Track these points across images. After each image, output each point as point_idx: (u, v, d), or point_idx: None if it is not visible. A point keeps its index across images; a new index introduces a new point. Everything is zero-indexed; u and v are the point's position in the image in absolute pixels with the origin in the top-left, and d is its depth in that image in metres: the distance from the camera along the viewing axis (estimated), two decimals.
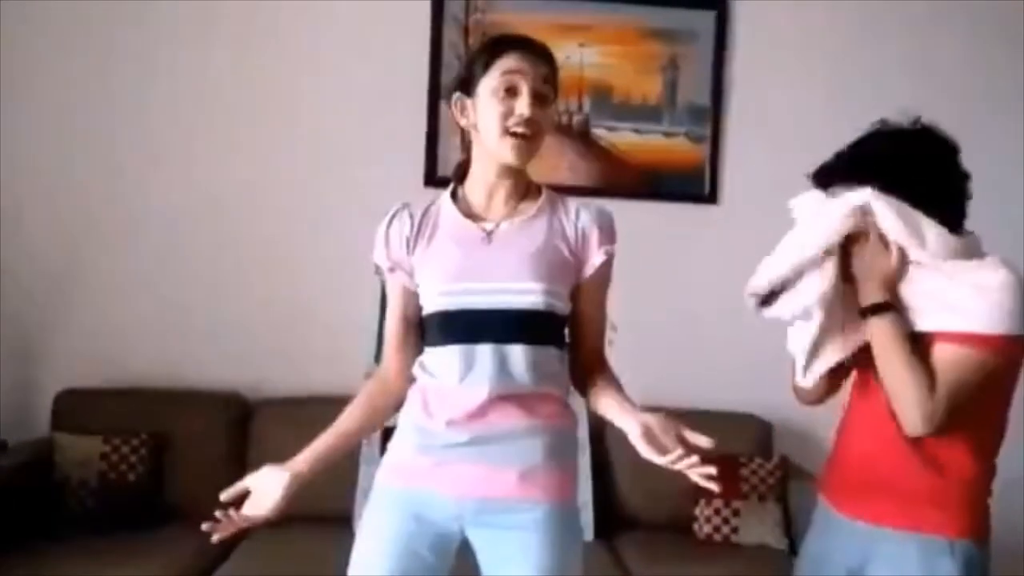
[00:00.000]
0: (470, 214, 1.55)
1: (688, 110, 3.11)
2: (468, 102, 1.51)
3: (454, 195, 1.58)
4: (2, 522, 2.46)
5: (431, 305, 1.53)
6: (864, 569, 1.59)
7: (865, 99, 3.19)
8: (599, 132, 3.10)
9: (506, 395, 1.47)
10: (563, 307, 1.53)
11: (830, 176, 1.62)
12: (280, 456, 1.60)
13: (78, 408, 2.80)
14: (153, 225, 3.00)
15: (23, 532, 2.50)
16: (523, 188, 1.57)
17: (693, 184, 3.11)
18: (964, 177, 1.61)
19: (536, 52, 1.49)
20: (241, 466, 2.80)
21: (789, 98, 3.10)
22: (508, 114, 1.46)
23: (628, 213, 3.04)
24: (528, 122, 1.46)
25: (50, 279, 2.97)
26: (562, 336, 1.57)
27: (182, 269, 3.00)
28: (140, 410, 2.82)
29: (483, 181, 1.55)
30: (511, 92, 1.46)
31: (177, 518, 2.70)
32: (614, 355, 3.40)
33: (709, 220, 3.13)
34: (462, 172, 1.60)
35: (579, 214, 1.55)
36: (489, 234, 1.52)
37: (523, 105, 1.45)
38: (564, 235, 1.54)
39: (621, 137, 3.10)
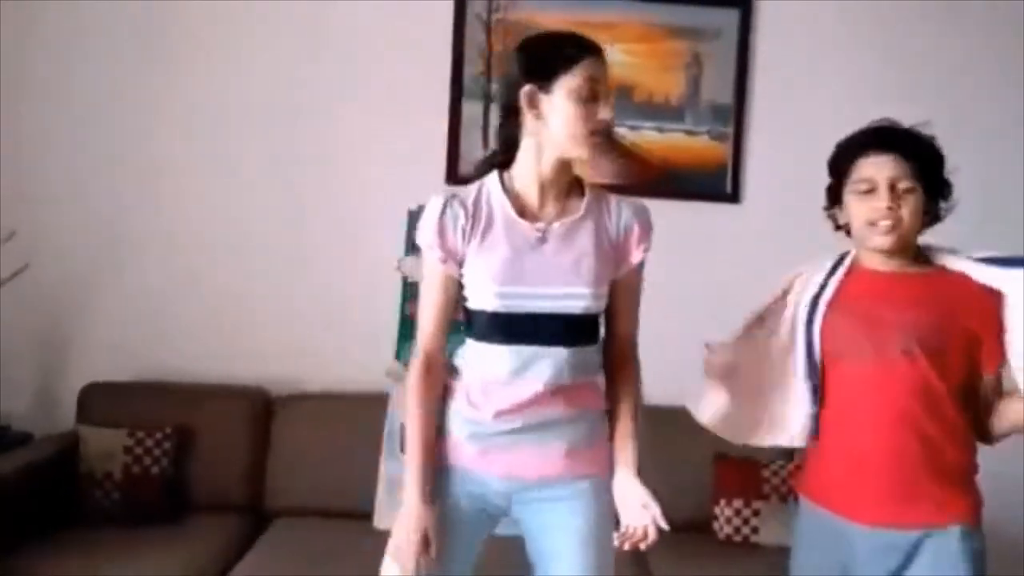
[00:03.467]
0: (522, 210, 1.57)
1: (711, 109, 3.09)
2: (541, 96, 1.52)
3: (503, 187, 1.59)
4: (27, 514, 2.50)
5: (483, 303, 1.56)
6: (905, 570, 1.63)
7: (890, 97, 3.16)
8: (621, 130, 3.08)
9: (554, 389, 1.55)
10: (604, 304, 1.61)
11: (889, 142, 1.66)
12: (302, 452, 1.63)
13: (103, 401, 2.83)
14: (181, 222, 3.03)
15: (47, 524, 2.53)
16: (571, 184, 1.61)
17: (715, 183, 3.10)
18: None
19: (605, 59, 1.57)
20: (263, 460, 2.84)
21: (812, 97, 3.08)
22: (591, 117, 1.52)
23: (649, 211, 3.11)
24: (605, 125, 1.56)
25: (77, 274, 3.01)
26: (599, 329, 1.65)
27: (208, 266, 3.03)
28: (164, 404, 2.85)
29: (536, 176, 1.57)
30: (592, 96, 1.52)
31: (200, 511, 2.73)
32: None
33: (731, 219, 3.11)
34: (505, 161, 1.61)
35: (621, 211, 1.62)
36: (543, 235, 1.56)
37: (606, 111, 1.54)
38: (608, 234, 1.60)
39: (643, 136, 3.09)
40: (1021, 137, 3.07)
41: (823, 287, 1.73)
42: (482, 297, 1.56)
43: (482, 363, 1.58)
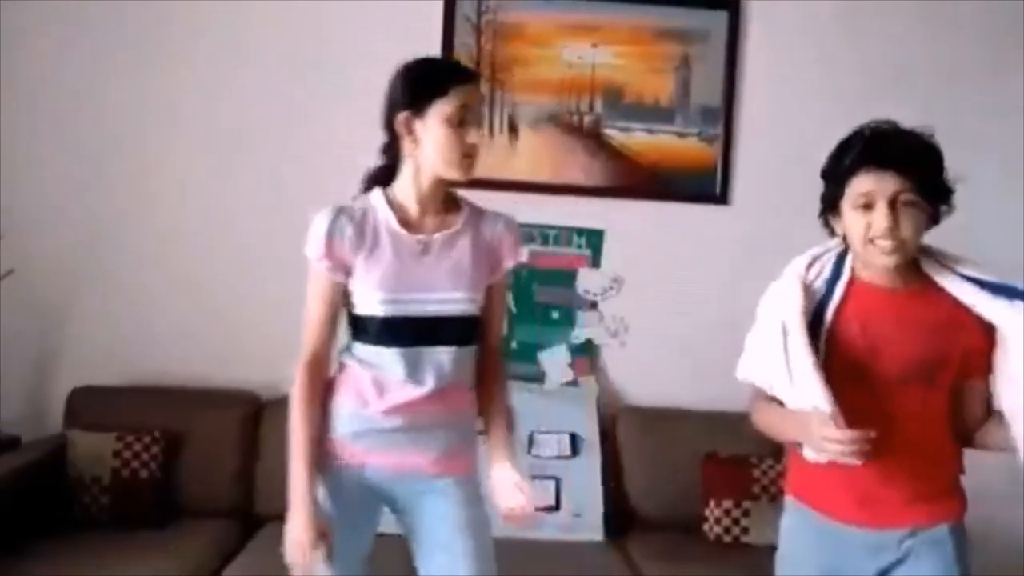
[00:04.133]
0: (405, 223, 1.70)
1: (700, 110, 3.10)
2: (416, 122, 1.64)
3: (387, 202, 1.71)
4: (15, 519, 2.48)
5: (371, 309, 1.68)
6: (895, 570, 1.64)
7: (880, 100, 3.18)
8: (611, 132, 3.09)
9: (439, 390, 1.68)
10: (480, 307, 1.75)
11: (885, 149, 1.59)
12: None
13: (92, 405, 2.82)
14: (170, 225, 3.02)
15: (36, 529, 2.51)
16: (448, 200, 1.75)
17: (705, 185, 3.11)
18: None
19: (478, 85, 1.71)
20: (252, 464, 2.83)
21: (801, 99, 3.09)
22: (462, 142, 1.64)
23: (639, 213, 3.14)
24: (476, 149, 1.67)
25: (66, 277, 2.99)
26: (477, 332, 1.77)
27: (197, 270, 3.02)
28: (154, 408, 2.83)
29: (416, 193, 1.70)
30: (463, 122, 1.64)
31: (189, 515, 2.72)
32: (625, 355, 3.42)
33: (720, 221, 3.12)
34: (387, 177, 1.73)
35: (496, 224, 1.77)
36: (425, 246, 1.69)
37: (476, 135, 1.66)
38: (484, 244, 1.74)
39: (633, 137, 3.10)
40: (1009, 138, 3.10)
41: (831, 288, 1.67)
42: (370, 304, 1.67)
43: (374, 364, 1.68)
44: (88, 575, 2.33)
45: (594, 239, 3.11)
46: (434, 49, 3.01)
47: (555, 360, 3.09)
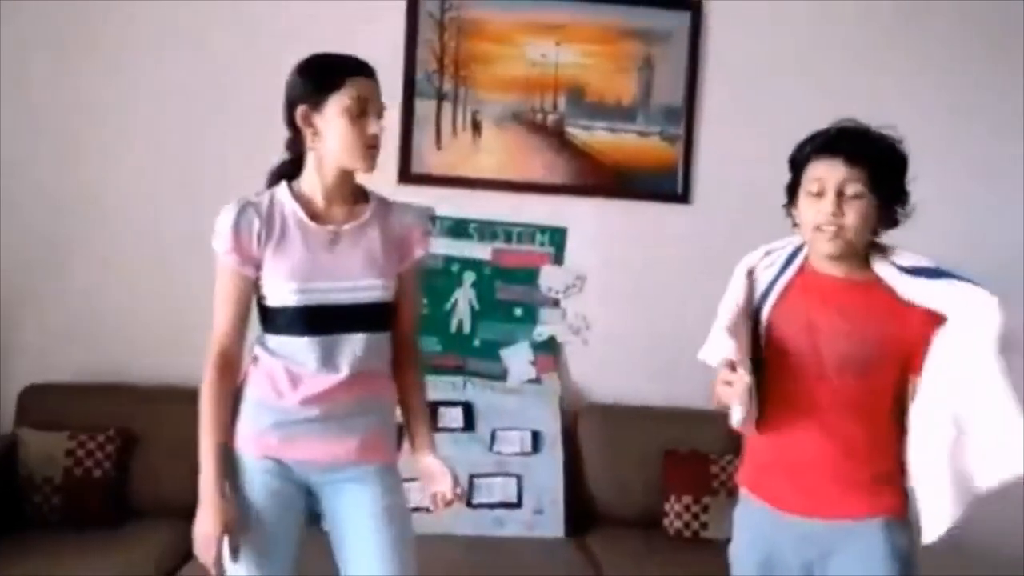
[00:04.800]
0: (313, 215, 1.72)
1: (662, 110, 3.13)
2: (315, 116, 1.68)
3: (292, 195, 1.73)
4: None
5: (282, 300, 1.69)
6: (826, 561, 1.68)
7: (842, 99, 3.22)
8: (573, 131, 3.11)
9: (354, 377, 1.70)
10: (393, 294, 1.77)
11: (834, 148, 1.65)
12: None
13: (44, 403, 2.76)
14: (123, 219, 2.96)
15: None
16: (356, 191, 1.79)
17: (666, 184, 3.13)
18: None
19: (375, 78, 1.72)
20: None
21: (763, 99, 3.13)
22: (363, 133, 1.67)
23: (601, 212, 3.15)
24: (377, 139, 1.70)
25: (14, 273, 2.92)
26: (390, 319, 1.80)
27: (152, 264, 2.97)
28: (107, 406, 2.78)
29: (322, 185, 1.73)
30: (362, 113, 1.67)
31: (143, 515, 2.68)
32: (587, 353, 3.43)
33: (682, 220, 3.15)
34: (292, 171, 1.76)
35: (405, 214, 1.80)
36: (335, 236, 1.72)
37: (376, 126, 1.69)
38: (393, 234, 1.77)
39: (595, 136, 3.11)
40: (983, 138, 3.17)
41: (777, 278, 1.73)
42: (281, 295, 1.69)
43: (287, 354, 1.70)
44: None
45: (556, 237, 3.12)
46: (397, 45, 3.00)
47: (517, 357, 3.10)
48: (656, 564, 2.63)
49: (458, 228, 3.06)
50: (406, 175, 3.01)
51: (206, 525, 1.62)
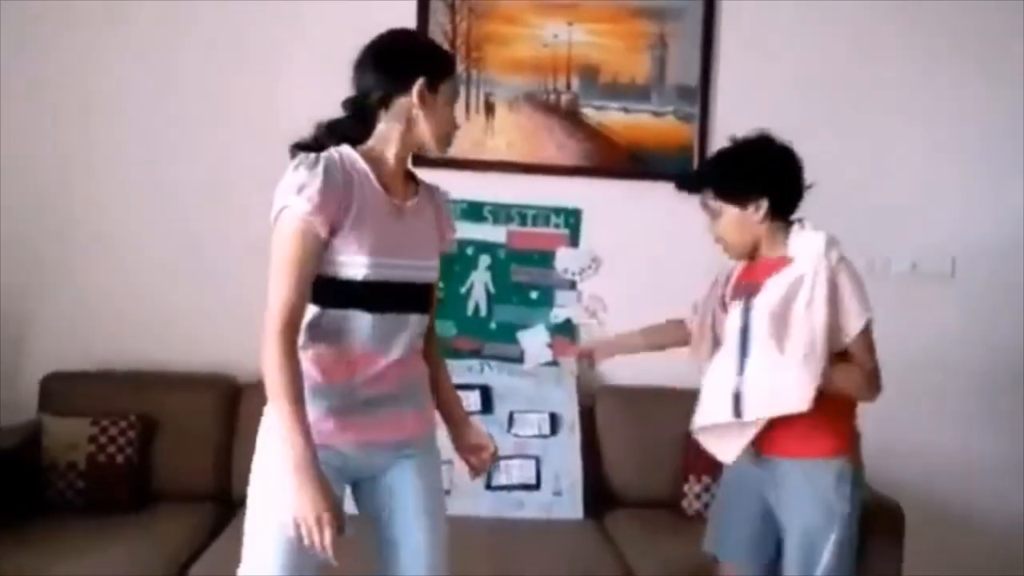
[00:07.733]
0: (383, 186, 1.64)
1: (676, 89, 3.10)
2: (429, 93, 1.63)
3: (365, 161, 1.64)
4: None
5: (354, 272, 1.56)
6: (770, 491, 2.00)
7: (856, 77, 3.20)
8: (587, 111, 3.09)
9: (407, 355, 1.68)
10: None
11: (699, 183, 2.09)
12: None
13: (66, 390, 2.79)
14: (143, 208, 2.98)
15: (10, 515, 2.48)
16: (407, 170, 1.76)
17: (681, 163, 3.10)
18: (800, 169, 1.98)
19: None
20: (229, 448, 2.81)
21: (778, 77, 3.09)
22: (453, 121, 1.71)
23: (616, 192, 3.13)
24: (457, 129, 1.74)
25: (38, 262, 2.95)
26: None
27: (172, 251, 2.98)
28: (129, 392, 2.81)
29: (394, 157, 1.66)
30: (454, 104, 1.71)
31: (166, 500, 2.71)
32: (603, 333, 3.42)
33: (696, 199, 3.11)
34: (356, 134, 1.66)
35: (440, 195, 1.81)
36: (399, 210, 1.66)
37: (459, 117, 1.75)
38: (438, 214, 1.77)
39: (609, 116, 3.09)
40: (986, 128, 3.11)
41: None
42: (355, 266, 1.56)
43: (346, 330, 1.59)
44: (64, 562, 2.30)
45: (572, 218, 3.11)
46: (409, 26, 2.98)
47: (534, 340, 3.10)
48: (675, 545, 2.62)
49: (472, 211, 3.06)
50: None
51: (315, 511, 1.45)
